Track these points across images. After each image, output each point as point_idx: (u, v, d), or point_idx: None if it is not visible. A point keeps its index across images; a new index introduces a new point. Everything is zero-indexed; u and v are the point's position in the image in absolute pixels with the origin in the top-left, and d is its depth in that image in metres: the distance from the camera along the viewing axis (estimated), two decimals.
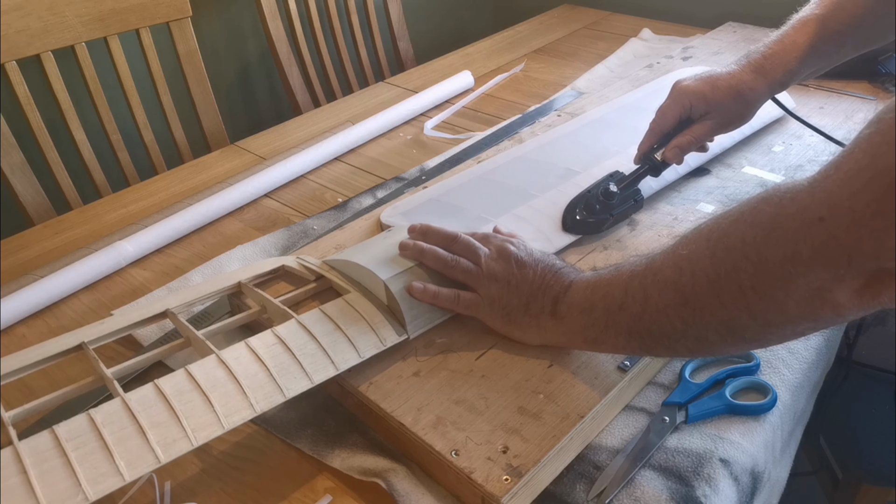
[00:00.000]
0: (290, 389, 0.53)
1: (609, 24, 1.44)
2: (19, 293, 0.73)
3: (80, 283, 0.77)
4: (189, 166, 1.02)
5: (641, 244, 0.73)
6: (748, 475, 0.54)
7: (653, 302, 0.49)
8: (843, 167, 0.39)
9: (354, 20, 1.41)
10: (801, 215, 0.40)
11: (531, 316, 0.57)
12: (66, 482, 0.44)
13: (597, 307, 0.53)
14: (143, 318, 0.62)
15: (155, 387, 0.51)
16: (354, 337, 0.58)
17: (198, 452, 0.57)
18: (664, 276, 0.48)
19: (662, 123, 0.74)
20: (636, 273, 0.51)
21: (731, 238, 0.44)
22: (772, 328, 0.45)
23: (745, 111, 0.72)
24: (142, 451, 0.47)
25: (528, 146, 0.89)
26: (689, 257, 0.47)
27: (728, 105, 0.71)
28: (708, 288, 0.45)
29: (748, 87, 0.70)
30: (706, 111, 0.72)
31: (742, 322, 0.45)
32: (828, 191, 0.39)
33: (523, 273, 0.58)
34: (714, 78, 0.72)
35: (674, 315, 0.47)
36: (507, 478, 0.48)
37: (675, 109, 0.73)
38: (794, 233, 0.40)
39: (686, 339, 0.48)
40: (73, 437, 0.47)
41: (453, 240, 0.62)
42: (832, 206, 0.38)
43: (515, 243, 0.61)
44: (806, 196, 0.40)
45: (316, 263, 0.69)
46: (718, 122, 0.72)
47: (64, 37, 0.98)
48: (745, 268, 0.43)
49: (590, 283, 0.55)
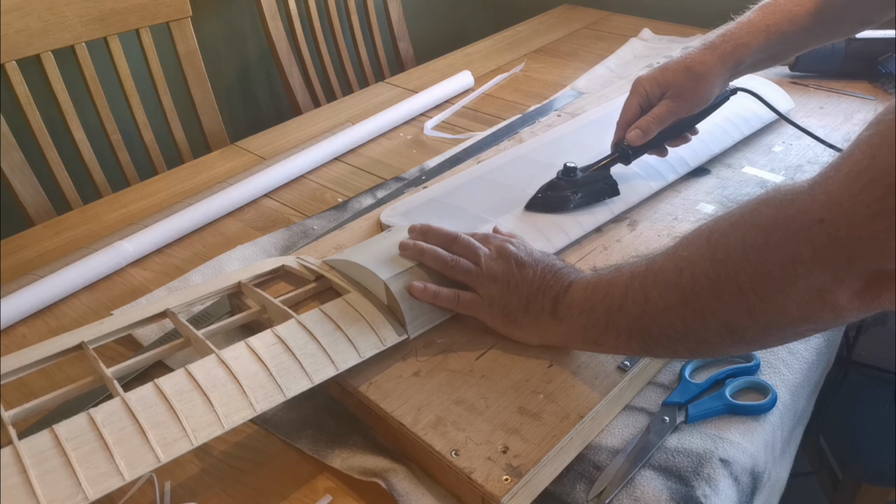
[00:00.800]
0: (290, 389, 0.53)
1: (609, 24, 1.44)
2: (19, 293, 0.73)
3: (80, 283, 0.77)
4: (189, 166, 1.02)
5: (641, 244, 0.73)
6: (748, 475, 0.54)
7: (653, 303, 0.48)
8: (844, 168, 0.39)
9: (354, 20, 1.41)
10: (802, 216, 0.40)
11: (531, 316, 0.57)
12: (67, 482, 0.44)
13: (597, 308, 0.53)
14: (143, 318, 0.62)
15: (155, 386, 0.51)
16: (354, 337, 0.58)
17: (198, 452, 0.57)
18: (664, 277, 0.48)
19: (626, 115, 0.76)
20: (636, 274, 0.51)
21: (732, 239, 0.44)
22: (772, 329, 0.45)
23: (699, 86, 0.73)
24: (142, 450, 0.47)
25: (529, 146, 0.89)
26: (690, 258, 0.47)
27: (680, 82, 0.73)
28: (708, 289, 0.45)
29: (697, 62, 0.72)
30: (662, 93, 0.74)
31: (742, 323, 0.45)
32: (828, 192, 0.39)
33: (523, 273, 0.58)
34: (667, 62, 0.75)
35: (674, 316, 0.47)
36: (507, 478, 0.48)
37: (634, 100, 0.75)
38: (794, 234, 0.40)
39: (686, 340, 0.48)
40: (73, 436, 0.47)
41: (453, 240, 0.62)
42: (832, 207, 0.38)
43: (515, 243, 0.61)
44: (806, 197, 0.40)
45: (316, 263, 0.69)
46: (675, 101, 0.73)
47: (64, 37, 0.98)
48: (746, 269, 0.43)
49: (589, 283, 0.55)
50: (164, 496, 0.53)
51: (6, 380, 0.56)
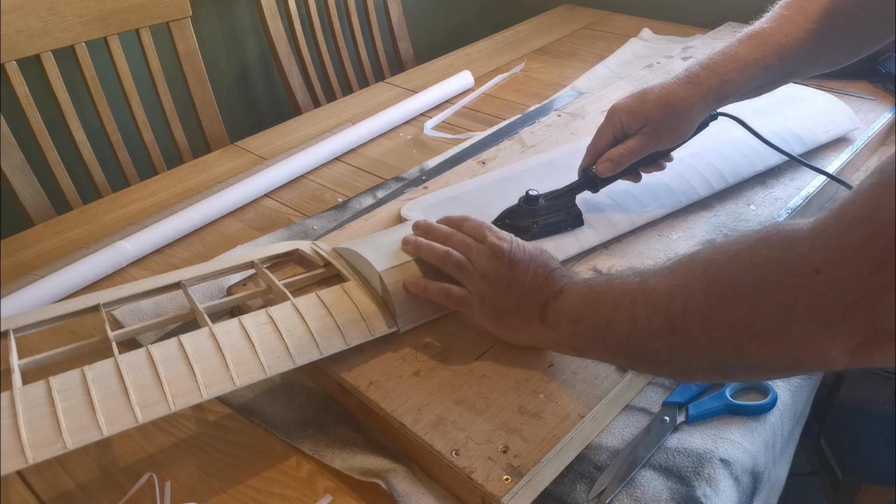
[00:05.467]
0: (271, 368, 0.55)
1: (609, 24, 1.44)
2: (19, 293, 0.73)
3: (80, 283, 0.77)
4: (189, 166, 1.02)
5: (642, 243, 0.73)
6: (748, 475, 0.55)
7: (641, 324, 0.47)
8: (845, 216, 0.37)
9: (354, 20, 1.41)
10: (800, 263, 0.39)
11: (521, 318, 0.57)
12: (50, 430, 0.48)
13: (585, 319, 0.52)
14: (158, 287, 0.65)
15: (147, 352, 0.54)
16: (344, 324, 0.59)
17: (198, 452, 0.57)
18: (655, 301, 0.47)
19: (597, 144, 0.72)
20: (627, 290, 0.49)
21: (728, 275, 0.43)
22: (757, 371, 0.45)
23: (679, 123, 0.69)
24: (123, 409, 0.50)
25: (561, 151, 0.87)
26: (684, 287, 0.45)
27: (658, 117, 0.68)
28: (700, 322, 0.44)
29: (679, 98, 0.67)
30: (639, 126, 0.69)
31: (729, 361, 0.44)
32: (827, 241, 0.38)
33: (515, 273, 0.57)
34: (645, 92, 0.69)
35: (661, 343, 0.46)
36: (508, 478, 0.48)
37: (608, 129, 0.71)
38: (791, 281, 0.39)
39: (671, 366, 0.48)
40: (64, 389, 0.50)
41: (450, 235, 0.62)
42: (831, 258, 0.37)
43: (509, 239, 0.59)
44: (805, 243, 0.39)
45: (327, 250, 0.70)
46: (651, 137, 0.69)
47: (64, 37, 0.98)
48: (740, 308, 0.42)
49: (580, 292, 0.54)
50: (165, 496, 0.53)
51: (26, 332, 0.61)
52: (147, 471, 0.55)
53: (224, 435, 0.59)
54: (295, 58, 1.32)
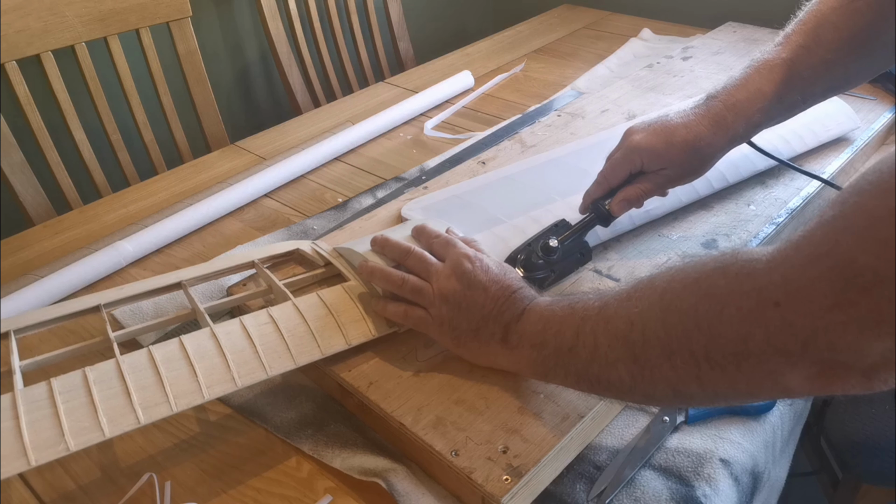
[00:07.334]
0: (273, 368, 0.54)
1: (609, 24, 1.44)
2: (19, 293, 0.73)
3: (80, 283, 0.77)
4: (189, 166, 1.02)
5: (642, 243, 0.73)
6: (748, 475, 0.55)
7: (602, 352, 0.47)
8: (804, 250, 0.37)
9: (354, 20, 1.41)
10: (757, 296, 0.38)
11: (480, 342, 0.55)
12: (52, 431, 0.47)
13: (547, 345, 0.51)
14: (158, 287, 0.65)
15: (148, 352, 0.53)
16: (345, 324, 0.59)
17: (198, 452, 0.57)
18: (615, 328, 0.46)
19: (611, 179, 0.68)
20: (588, 316, 0.49)
21: (685, 304, 0.42)
22: (720, 398, 0.44)
23: (702, 166, 0.67)
24: (125, 410, 0.49)
25: (564, 150, 0.87)
26: (642, 314, 0.45)
27: (683, 162, 0.66)
28: (659, 350, 0.43)
29: (706, 143, 0.65)
30: (660, 167, 0.66)
31: (690, 390, 0.43)
32: (785, 273, 0.37)
33: (474, 296, 0.55)
34: (669, 131, 0.65)
35: (623, 370, 0.46)
36: (508, 478, 0.48)
37: (626, 166, 0.67)
38: (748, 313, 0.38)
39: (633, 393, 0.47)
40: (66, 390, 0.50)
41: (407, 254, 0.60)
42: (789, 291, 0.36)
43: (472, 258, 0.57)
44: (763, 275, 0.38)
45: (328, 250, 0.70)
46: (672, 177, 0.67)
47: (64, 37, 0.98)
48: (698, 338, 0.41)
49: (542, 315, 0.53)
50: (165, 496, 0.53)
51: (27, 333, 0.60)
52: (147, 471, 0.55)
53: (224, 435, 0.59)
54: (295, 58, 1.32)
